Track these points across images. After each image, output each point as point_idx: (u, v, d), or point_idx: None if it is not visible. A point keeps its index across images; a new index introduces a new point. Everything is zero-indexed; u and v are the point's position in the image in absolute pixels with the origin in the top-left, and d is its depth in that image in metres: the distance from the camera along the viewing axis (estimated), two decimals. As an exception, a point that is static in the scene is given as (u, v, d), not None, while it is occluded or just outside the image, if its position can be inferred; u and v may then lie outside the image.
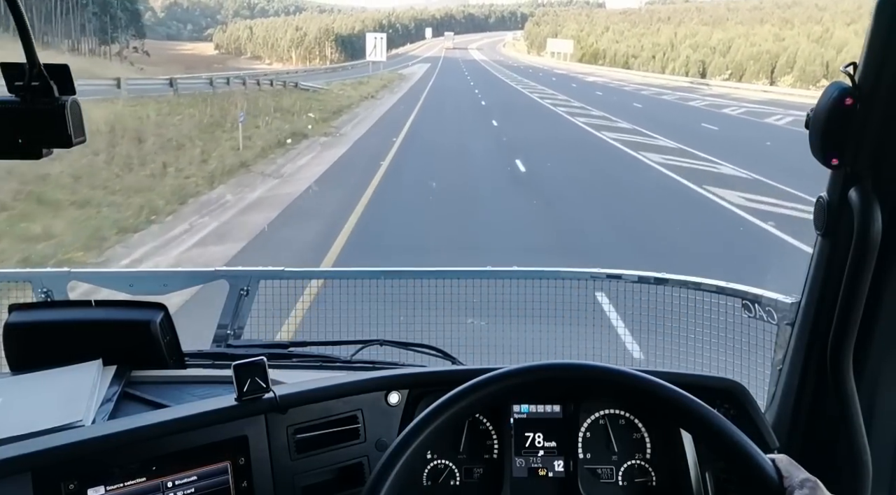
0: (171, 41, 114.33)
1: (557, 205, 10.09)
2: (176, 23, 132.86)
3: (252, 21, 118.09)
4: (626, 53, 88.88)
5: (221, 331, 1.70)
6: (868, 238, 0.95)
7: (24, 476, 0.91)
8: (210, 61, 78.75)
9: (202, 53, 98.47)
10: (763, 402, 1.28)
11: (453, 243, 7.67)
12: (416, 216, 9.14)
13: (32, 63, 0.84)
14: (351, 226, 8.25)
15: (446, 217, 9.17)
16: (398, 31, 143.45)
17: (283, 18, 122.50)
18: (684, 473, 1.11)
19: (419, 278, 1.79)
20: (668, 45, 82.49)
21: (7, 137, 0.86)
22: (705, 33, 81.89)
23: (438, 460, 1.15)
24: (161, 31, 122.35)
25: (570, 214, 9.63)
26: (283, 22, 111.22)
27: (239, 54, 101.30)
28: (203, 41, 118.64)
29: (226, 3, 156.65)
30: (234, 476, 1.02)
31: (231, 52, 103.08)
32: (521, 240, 7.90)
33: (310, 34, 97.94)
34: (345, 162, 13.52)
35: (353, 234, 7.89)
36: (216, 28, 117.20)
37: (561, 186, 11.37)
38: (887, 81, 0.94)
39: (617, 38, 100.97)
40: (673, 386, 0.87)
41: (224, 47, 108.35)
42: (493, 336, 1.78)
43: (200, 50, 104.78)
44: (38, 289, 1.68)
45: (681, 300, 1.68)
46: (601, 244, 7.91)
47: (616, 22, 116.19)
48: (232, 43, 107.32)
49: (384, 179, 11.57)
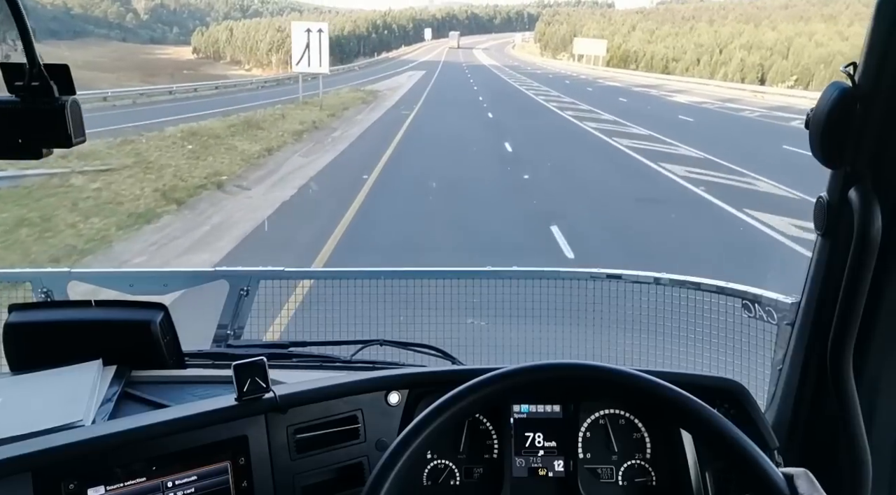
0: (152, 45, 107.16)
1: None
2: (161, 26, 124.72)
3: (232, 22, 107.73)
4: (666, 56, 73.48)
5: (221, 331, 1.70)
6: (868, 238, 0.96)
7: (24, 476, 0.91)
8: (182, 67, 72.94)
9: (179, 58, 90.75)
10: (763, 402, 1.28)
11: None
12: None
13: (32, 63, 0.84)
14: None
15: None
16: (394, 32, 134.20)
17: (266, 19, 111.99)
18: (684, 473, 1.11)
19: (419, 278, 1.79)
20: (714, 47, 68.71)
21: (7, 137, 0.86)
22: (750, 32, 68.49)
23: (438, 460, 1.15)
24: (144, 35, 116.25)
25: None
26: (266, 23, 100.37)
27: (218, 58, 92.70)
28: (187, 45, 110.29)
29: (217, 5, 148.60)
30: (234, 476, 1.02)
31: (210, 56, 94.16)
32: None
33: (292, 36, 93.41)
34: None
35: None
36: (195, 30, 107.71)
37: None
38: (887, 81, 0.94)
39: (648, 38, 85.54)
40: (673, 387, 0.87)
41: (202, 51, 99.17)
42: (493, 336, 1.78)
43: (179, 54, 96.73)
44: (38, 289, 1.69)
45: (681, 300, 1.68)
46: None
47: (638, 20, 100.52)
48: (210, 46, 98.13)
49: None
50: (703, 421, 0.84)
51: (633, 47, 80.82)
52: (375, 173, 11.73)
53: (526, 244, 7.65)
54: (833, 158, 1.01)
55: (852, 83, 0.96)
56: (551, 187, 11.12)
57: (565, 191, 11.02)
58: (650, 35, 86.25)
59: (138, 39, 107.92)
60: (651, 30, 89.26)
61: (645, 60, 75.14)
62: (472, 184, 11.07)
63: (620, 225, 8.94)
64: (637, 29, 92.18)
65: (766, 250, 7.67)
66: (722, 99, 34.83)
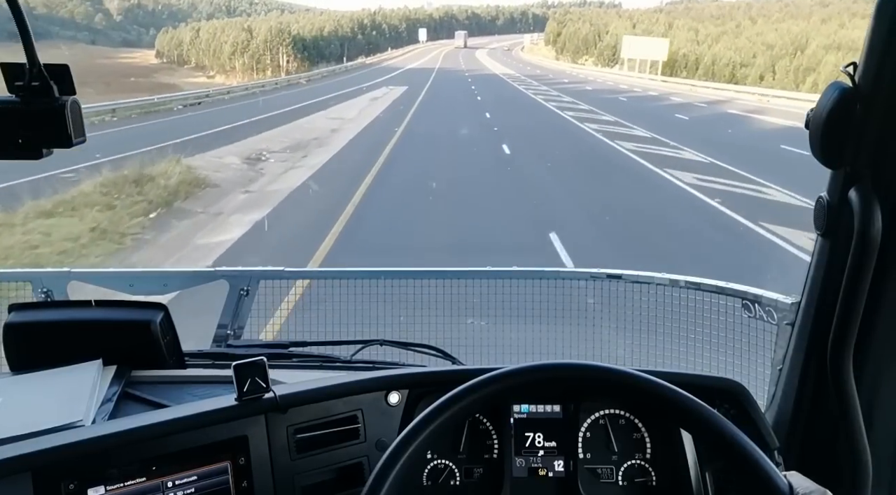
0: (124, 48, 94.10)
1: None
2: (137, 27, 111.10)
3: (198, 22, 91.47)
4: (732, 61, 51.61)
5: (221, 331, 1.70)
6: (868, 238, 0.96)
7: (24, 476, 0.91)
8: (138, 73, 63.20)
9: (140, 63, 79.35)
10: (763, 402, 1.28)
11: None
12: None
13: (32, 63, 0.84)
14: None
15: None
16: (384, 33, 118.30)
17: (235, 19, 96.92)
18: (684, 473, 1.11)
19: (419, 278, 1.79)
20: (788, 47, 48.79)
21: (7, 137, 0.86)
22: (826, 29, 49.63)
23: (438, 460, 1.15)
24: (116, 37, 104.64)
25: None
26: (235, 23, 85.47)
27: (182, 63, 79.36)
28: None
29: (200, 6, 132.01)
30: (234, 476, 1.02)
31: (173, 60, 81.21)
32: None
33: (258, 36, 72.64)
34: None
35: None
36: (160, 31, 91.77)
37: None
38: (887, 81, 0.94)
39: (694, 37, 62.59)
40: (673, 387, 0.87)
41: (166, 55, 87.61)
42: (493, 336, 1.78)
43: (145, 58, 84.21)
44: (38, 289, 1.69)
45: (681, 300, 1.68)
46: None
47: (676, 17, 77.86)
48: (174, 49, 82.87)
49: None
50: (703, 421, 0.84)
51: (680, 50, 58.84)
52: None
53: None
54: (833, 158, 1.01)
55: (852, 83, 0.96)
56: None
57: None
58: (695, 34, 64.24)
59: (109, 42, 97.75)
60: (694, 28, 67.43)
61: (704, 66, 53.50)
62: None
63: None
64: (676, 27, 69.81)
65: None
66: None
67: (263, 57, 70.28)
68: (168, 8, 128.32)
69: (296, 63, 70.90)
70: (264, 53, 70.38)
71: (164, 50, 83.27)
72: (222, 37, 74.20)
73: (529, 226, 8.70)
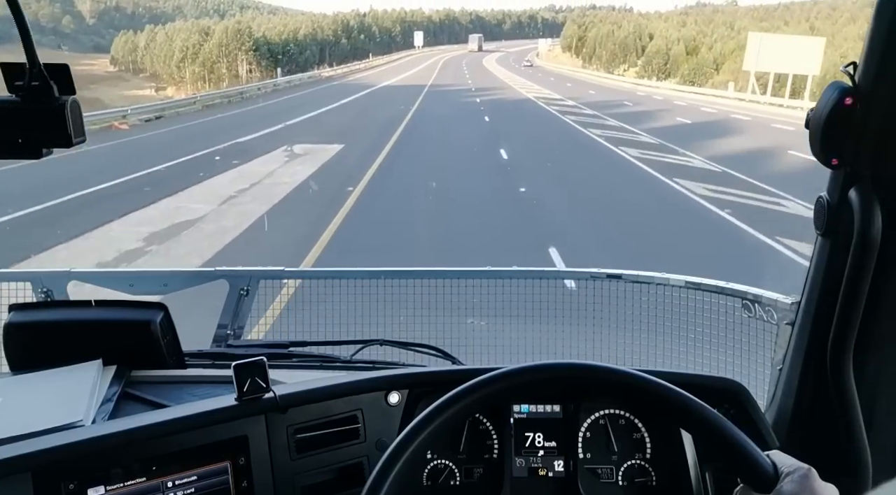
0: (95, 54, 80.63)
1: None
2: (112, 31, 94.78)
3: (156, 26, 74.44)
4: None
5: (221, 331, 1.70)
6: (868, 238, 0.96)
7: (24, 476, 0.91)
8: (81, 84, 44.44)
9: (97, 71, 66.56)
10: (763, 402, 1.28)
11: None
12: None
13: (32, 63, 0.84)
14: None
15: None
16: (374, 36, 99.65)
17: (190, 22, 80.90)
18: (684, 473, 1.11)
19: (419, 278, 1.79)
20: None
21: (7, 137, 0.86)
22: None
23: (438, 460, 1.15)
24: (86, 41, 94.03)
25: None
26: (191, 24, 71.52)
27: (137, 72, 66.87)
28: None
29: (186, 8, 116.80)
30: (234, 476, 1.02)
31: (129, 68, 68.31)
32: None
33: (211, 40, 58.97)
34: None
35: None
36: (118, 35, 75.85)
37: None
38: (887, 81, 0.94)
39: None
40: (673, 387, 0.87)
41: (121, 62, 70.88)
42: (493, 336, 1.78)
43: (102, 66, 70.87)
44: (38, 289, 1.69)
45: (681, 300, 1.68)
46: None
47: (728, 18, 65.99)
48: (128, 55, 69.91)
49: None
50: (704, 421, 0.84)
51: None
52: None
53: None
54: (833, 158, 1.01)
55: (852, 83, 0.96)
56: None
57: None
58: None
59: (79, 47, 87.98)
60: (745, 27, 52.92)
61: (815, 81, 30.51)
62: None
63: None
64: (735, 28, 55.65)
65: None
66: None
67: (217, 65, 58.46)
68: (150, 11, 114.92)
69: (259, 72, 58.37)
70: (218, 60, 58.54)
71: (119, 56, 71.40)
72: (175, 42, 62.87)
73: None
